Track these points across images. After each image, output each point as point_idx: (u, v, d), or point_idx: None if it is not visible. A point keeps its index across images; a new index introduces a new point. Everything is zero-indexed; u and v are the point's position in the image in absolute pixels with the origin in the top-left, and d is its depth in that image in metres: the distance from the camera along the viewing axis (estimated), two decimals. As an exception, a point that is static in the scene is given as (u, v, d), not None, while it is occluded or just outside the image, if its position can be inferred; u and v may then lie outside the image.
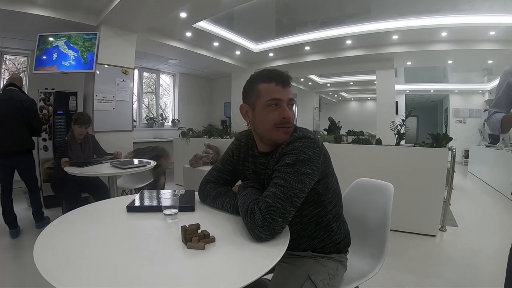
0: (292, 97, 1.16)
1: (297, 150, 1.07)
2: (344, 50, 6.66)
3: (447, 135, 3.26)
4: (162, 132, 7.90)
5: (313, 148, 1.08)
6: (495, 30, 5.11)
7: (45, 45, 4.34)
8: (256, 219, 0.96)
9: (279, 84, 1.13)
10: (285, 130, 1.13)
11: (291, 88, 1.16)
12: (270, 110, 1.13)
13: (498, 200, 5.04)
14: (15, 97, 3.20)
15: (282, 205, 0.99)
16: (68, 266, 0.79)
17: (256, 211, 0.98)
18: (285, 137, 1.13)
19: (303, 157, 1.05)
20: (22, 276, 2.30)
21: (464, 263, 2.66)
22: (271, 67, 1.56)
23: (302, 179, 1.03)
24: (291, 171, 1.03)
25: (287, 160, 1.06)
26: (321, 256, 1.24)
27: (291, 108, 1.15)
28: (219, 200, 1.24)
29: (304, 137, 1.10)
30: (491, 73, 8.85)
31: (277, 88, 1.13)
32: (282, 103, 1.13)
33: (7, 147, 3.11)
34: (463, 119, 10.69)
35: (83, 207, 1.33)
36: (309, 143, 1.09)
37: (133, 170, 2.90)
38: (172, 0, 3.85)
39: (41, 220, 3.39)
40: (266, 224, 0.95)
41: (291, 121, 1.14)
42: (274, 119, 1.12)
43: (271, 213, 0.97)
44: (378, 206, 1.46)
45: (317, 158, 1.08)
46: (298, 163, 1.04)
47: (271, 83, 1.13)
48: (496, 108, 1.85)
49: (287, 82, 1.15)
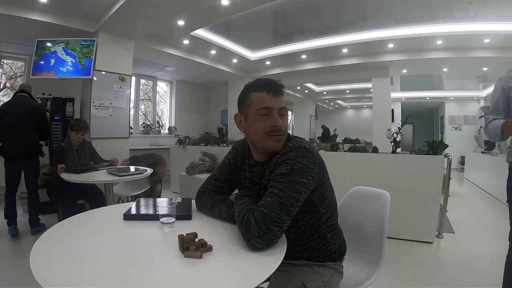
0: (284, 106, 1.16)
1: (292, 160, 1.07)
2: (340, 59, 6.73)
3: (443, 142, 3.28)
4: (158, 139, 7.88)
5: (308, 157, 1.09)
6: (489, 38, 5.18)
7: (43, 50, 4.35)
8: (251, 229, 0.96)
9: (270, 92, 1.14)
10: (277, 138, 1.13)
11: (283, 97, 1.16)
12: (261, 119, 1.14)
13: (495, 206, 5.05)
14: (27, 102, 3.40)
15: (277, 214, 0.98)
16: (65, 274, 0.78)
17: (251, 220, 0.98)
18: (276, 145, 1.14)
19: (298, 166, 1.06)
20: (17, 283, 2.27)
21: (461, 269, 2.66)
22: (267, 76, 1.56)
23: (297, 189, 1.03)
24: (286, 181, 1.03)
25: (282, 170, 1.06)
26: (316, 264, 1.23)
27: (283, 117, 1.15)
28: (215, 208, 1.23)
29: (299, 147, 1.10)
30: (486, 80, 8.94)
31: (268, 97, 1.13)
32: (273, 112, 1.13)
33: (18, 150, 3.26)
34: (459, 126, 10.77)
35: (79, 215, 1.32)
36: (304, 152, 1.09)
37: (130, 177, 2.89)
38: (170, 8, 3.88)
39: (36, 227, 3.36)
40: (261, 233, 0.95)
41: (282, 129, 1.14)
42: (264, 127, 1.13)
43: (267, 223, 0.96)
44: (375, 214, 1.47)
45: (312, 168, 1.08)
46: (293, 172, 1.05)
47: (263, 92, 1.14)
48: (493, 114, 1.84)
49: (278, 90, 1.15)
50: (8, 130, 3.22)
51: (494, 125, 1.79)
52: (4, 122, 3.23)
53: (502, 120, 1.78)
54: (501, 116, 1.82)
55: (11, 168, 3.31)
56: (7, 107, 3.33)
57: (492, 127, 1.81)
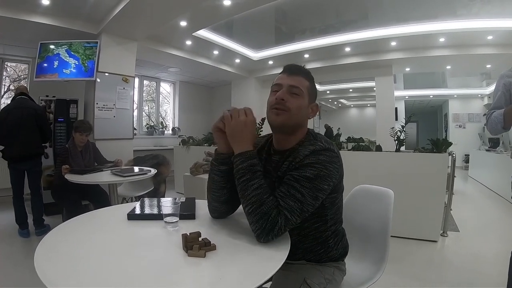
0: (294, 85, 1.13)
1: (320, 164, 1.04)
2: (343, 57, 6.71)
3: (447, 140, 3.27)
4: (162, 140, 7.90)
5: (335, 163, 1.07)
6: (493, 35, 5.14)
7: (46, 52, 4.38)
8: (274, 228, 0.96)
9: (286, 72, 1.17)
10: (276, 111, 1.12)
11: (302, 78, 1.15)
12: (272, 95, 1.16)
13: (499, 204, 5.02)
14: (28, 105, 3.42)
15: (296, 219, 1.00)
16: (69, 274, 0.79)
17: (278, 222, 0.97)
18: (276, 118, 1.12)
19: (325, 173, 1.03)
20: (22, 284, 2.29)
21: (466, 268, 2.64)
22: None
23: (317, 196, 1.03)
24: (309, 186, 1.01)
25: (308, 173, 1.03)
26: (316, 264, 1.23)
27: (293, 95, 1.12)
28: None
29: (329, 150, 1.08)
30: (489, 78, 8.86)
31: (283, 76, 1.16)
32: (281, 88, 1.14)
33: (21, 152, 3.29)
34: (463, 123, 10.70)
35: (83, 215, 1.33)
36: (332, 158, 1.07)
37: (134, 178, 2.90)
38: (172, 9, 3.88)
39: (41, 227, 3.39)
40: (279, 234, 0.98)
41: (283, 103, 1.11)
42: (271, 101, 1.14)
43: (287, 227, 0.99)
44: (379, 212, 1.46)
45: (335, 174, 1.07)
46: (318, 178, 1.03)
47: (281, 74, 1.18)
48: (495, 109, 1.83)
49: (294, 71, 1.16)
50: (10, 132, 3.24)
51: (496, 114, 1.77)
52: (6, 125, 3.26)
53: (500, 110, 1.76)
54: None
55: (15, 170, 3.34)
56: (9, 110, 3.35)
57: (493, 117, 1.79)
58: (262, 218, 0.97)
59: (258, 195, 0.99)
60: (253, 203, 0.99)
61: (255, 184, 1.01)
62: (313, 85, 1.20)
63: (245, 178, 1.02)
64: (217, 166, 1.16)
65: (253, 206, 0.99)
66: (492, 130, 1.86)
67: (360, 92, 10.91)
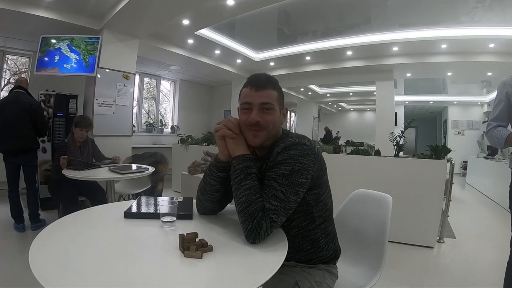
0: (266, 101, 1.13)
1: (292, 159, 1.06)
2: (344, 61, 6.72)
3: (446, 147, 3.27)
4: (161, 138, 7.89)
5: (309, 155, 1.09)
6: (494, 43, 5.16)
7: (48, 47, 4.36)
8: (260, 231, 0.99)
9: (253, 88, 1.14)
10: (254, 133, 1.13)
11: (271, 91, 1.15)
12: (243, 114, 1.16)
13: (496, 212, 5.03)
14: (24, 99, 3.38)
15: (281, 219, 1.04)
16: (64, 271, 0.78)
17: (263, 225, 1.00)
18: (254, 140, 1.13)
19: (299, 167, 1.06)
20: (16, 278, 2.28)
21: (461, 274, 2.65)
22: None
23: (297, 191, 1.06)
24: (287, 183, 1.04)
25: (282, 170, 1.05)
26: (306, 266, 1.23)
27: (267, 111, 1.13)
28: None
29: (300, 143, 1.10)
30: (490, 85, 8.88)
31: (250, 92, 1.14)
32: (252, 107, 1.13)
33: (15, 146, 3.28)
34: (462, 130, 10.73)
35: (80, 212, 1.32)
36: (304, 150, 1.08)
37: (131, 175, 2.89)
38: (175, 7, 3.88)
39: (37, 222, 3.38)
40: (266, 235, 1.01)
41: (259, 124, 1.12)
42: (244, 121, 1.14)
43: (273, 228, 1.02)
44: (377, 218, 1.46)
45: (312, 166, 1.09)
46: (293, 173, 1.05)
47: (247, 88, 1.16)
48: (497, 121, 1.81)
49: (260, 86, 1.14)
50: (5, 127, 3.23)
51: (499, 135, 1.75)
52: (0, 120, 3.24)
53: (506, 129, 1.75)
54: (504, 122, 1.79)
55: (10, 164, 3.34)
56: (3, 104, 3.33)
57: (496, 136, 1.77)
58: (248, 219, 1.00)
59: (247, 195, 1.03)
60: (242, 202, 1.03)
61: (247, 184, 1.05)
62: (281, 92, 1.21)
63: (239, 178, 1.07)
64: (217, 172, 1.19)
65: (242, 206, 1.03)
66: (490, 142, 1.85)
67: (360, 96, 10.95)
